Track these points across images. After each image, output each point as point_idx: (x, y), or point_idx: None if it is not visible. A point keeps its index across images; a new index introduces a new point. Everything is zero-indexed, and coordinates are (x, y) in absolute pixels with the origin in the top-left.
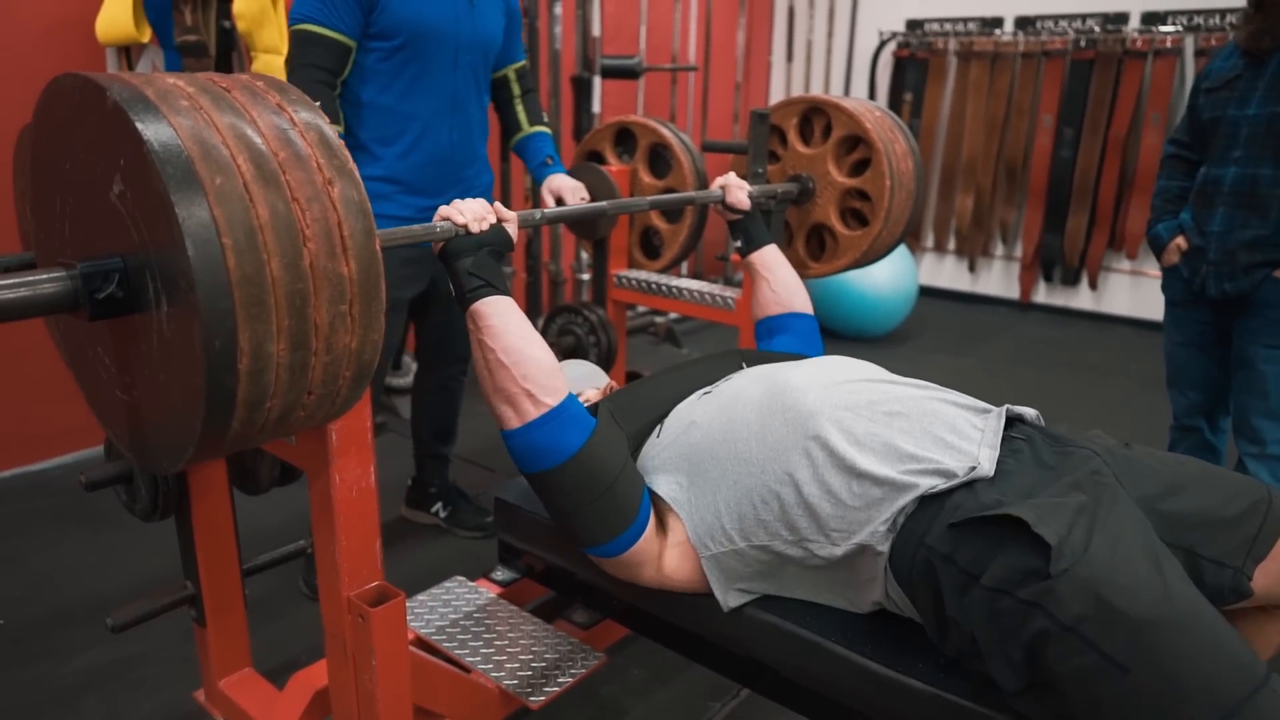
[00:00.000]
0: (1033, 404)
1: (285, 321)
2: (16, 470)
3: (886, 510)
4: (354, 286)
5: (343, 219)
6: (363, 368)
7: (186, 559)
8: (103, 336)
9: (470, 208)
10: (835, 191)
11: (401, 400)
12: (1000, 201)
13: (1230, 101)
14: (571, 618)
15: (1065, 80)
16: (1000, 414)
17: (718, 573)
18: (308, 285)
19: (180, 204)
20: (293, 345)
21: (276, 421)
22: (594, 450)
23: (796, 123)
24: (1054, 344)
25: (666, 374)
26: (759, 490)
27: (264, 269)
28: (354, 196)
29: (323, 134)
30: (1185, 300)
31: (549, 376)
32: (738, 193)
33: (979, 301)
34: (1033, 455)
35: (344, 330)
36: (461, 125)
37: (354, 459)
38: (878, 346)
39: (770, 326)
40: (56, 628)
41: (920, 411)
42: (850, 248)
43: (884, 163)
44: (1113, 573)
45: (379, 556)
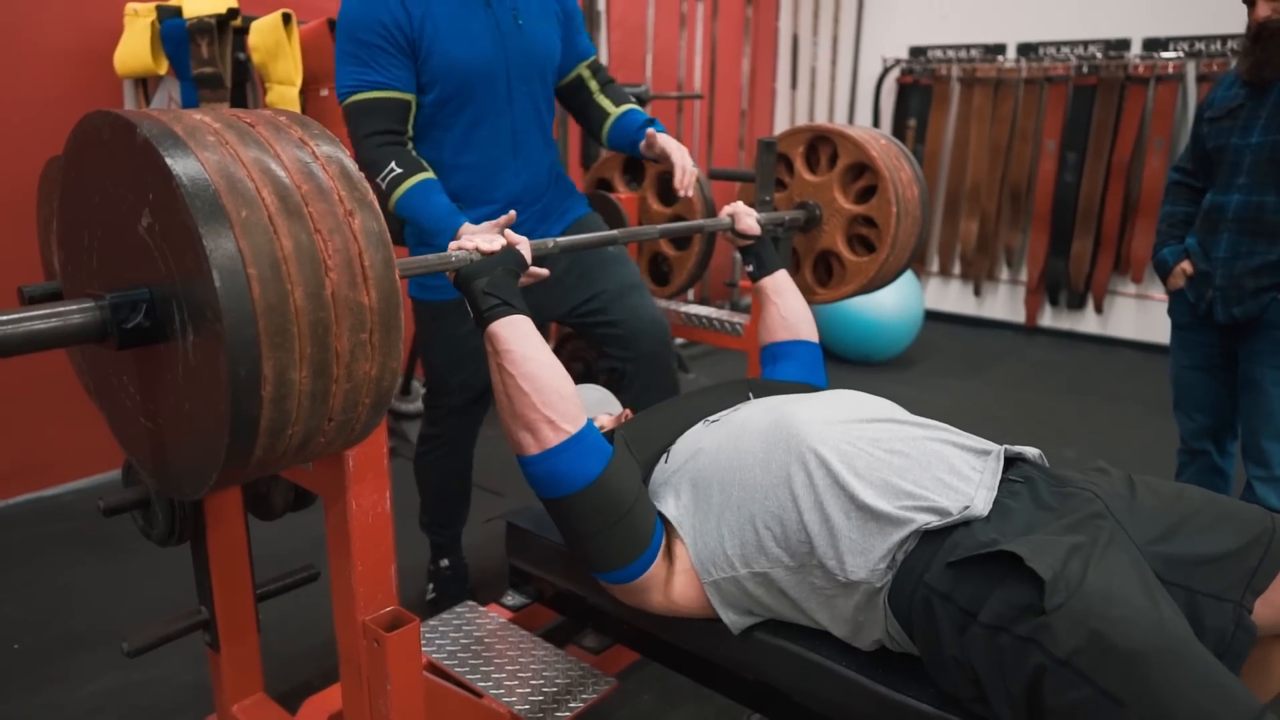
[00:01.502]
0: (1040, 428)
1: (308, 350)
2: (30, 495)
3: (882, 544)
4: (374, 315)
5: (363, 249)
6: (381, 395)
7: (201, 584)
8: (128, 365)
9: (480, 233)
10: (842, 218)
11: (410, 425)
12: (1005, 226)
13: (1233, 130)
14: (582, 643)
15: (1068, 106)
16: (999, 455)
17: (719, 598)
18: (329, 314)
19: (207, 236)
20: (314, 373)
21: (297, 448)
22: (611, 477)
23: (803, 151)
24: (1060, 368)
25: (676, 402)
26: (761, 515)
27: (288, 299)
28: (374, 227)
29: (344, 167)
30: (1191, 324)
31: (569, 404)
32: (747, 219)
33: (984, 325)
34: (1032, 496)
35: (364, 358)
36: (527, 166)
37: (370, 485)
38: (884, 371)
39: (775, 352)
40: (70, 652)
41: (920, 451)
42: (857, 274)
43: (890, 190)
44: (1107, 606)
45: (394, 582)
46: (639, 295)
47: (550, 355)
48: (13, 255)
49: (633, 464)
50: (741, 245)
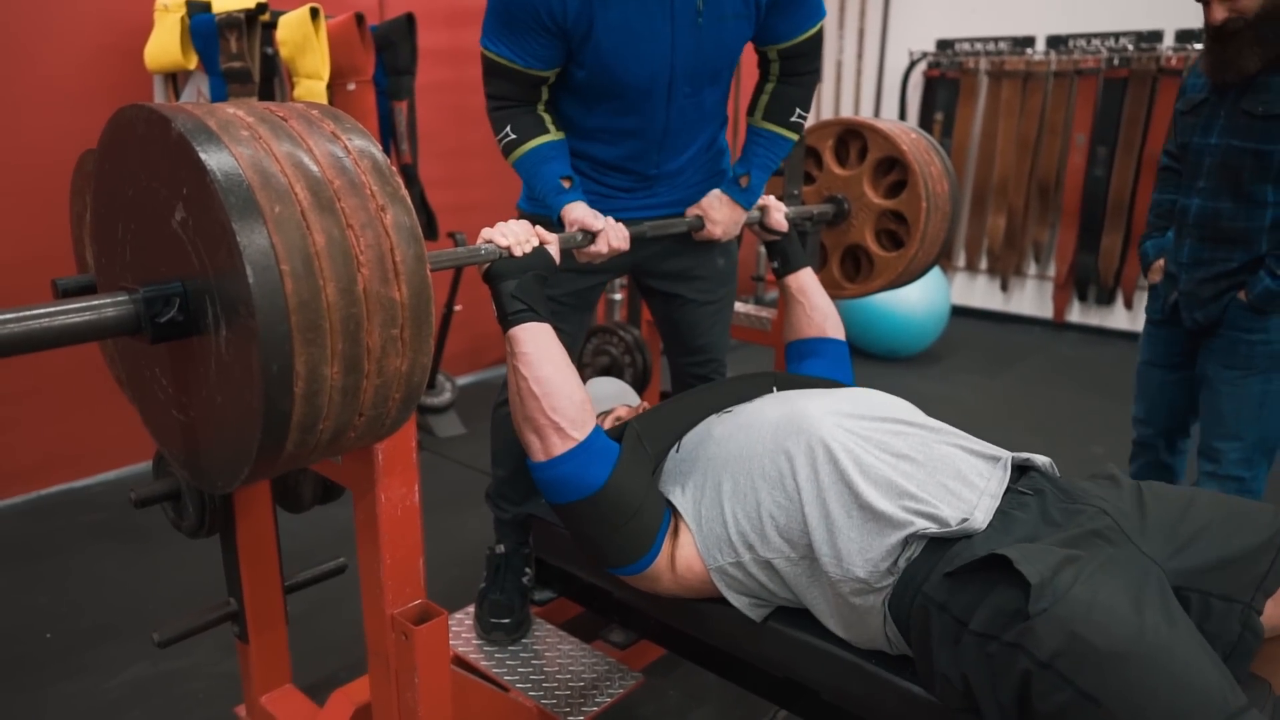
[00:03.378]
0: (1068, 425)
1: (339, 345)
2: (62, 486)
3: (881, 545)
4: (405, 311)
5: (395, 245)
6: (412, 390)
7: (230, 576)
8: (161, 358)
9: (513, 230)
10: (871, 213)
11: (435, 419)
12: (1033, 221)
13: (1196, 127)
14: (609, 637)
15: (1098, 99)
16: (1006, 463)
17: (725, 583)
18: (361, 310)
19: (241, 231)
20: (346, 368)
21: (328, 442)
22: (619, 482)
23: (832, 144)
24: (1088, 364)
25: (698, 393)
26: (766, 504)
27: (320, 294)
28: (405, 222)
29: (375, 161)
30: (1162, 320)
31: (578, 410)
32: (776, 214)
33: (1012, 321)
34: (1039, 509)
35: (395, 353)
36: (673, 156)
37: (399, 478)
38: (910, 367)
39: (801, 350)
40: (102, 642)
41: (928, 456)
42: (886, 269)
43: (920, 185)
44: (1089, 611)
45: (422, 575)
46: (716, 319)
47: (566, 361)
48: (46, 248)
49: (642, 463)
50: (768, 240)
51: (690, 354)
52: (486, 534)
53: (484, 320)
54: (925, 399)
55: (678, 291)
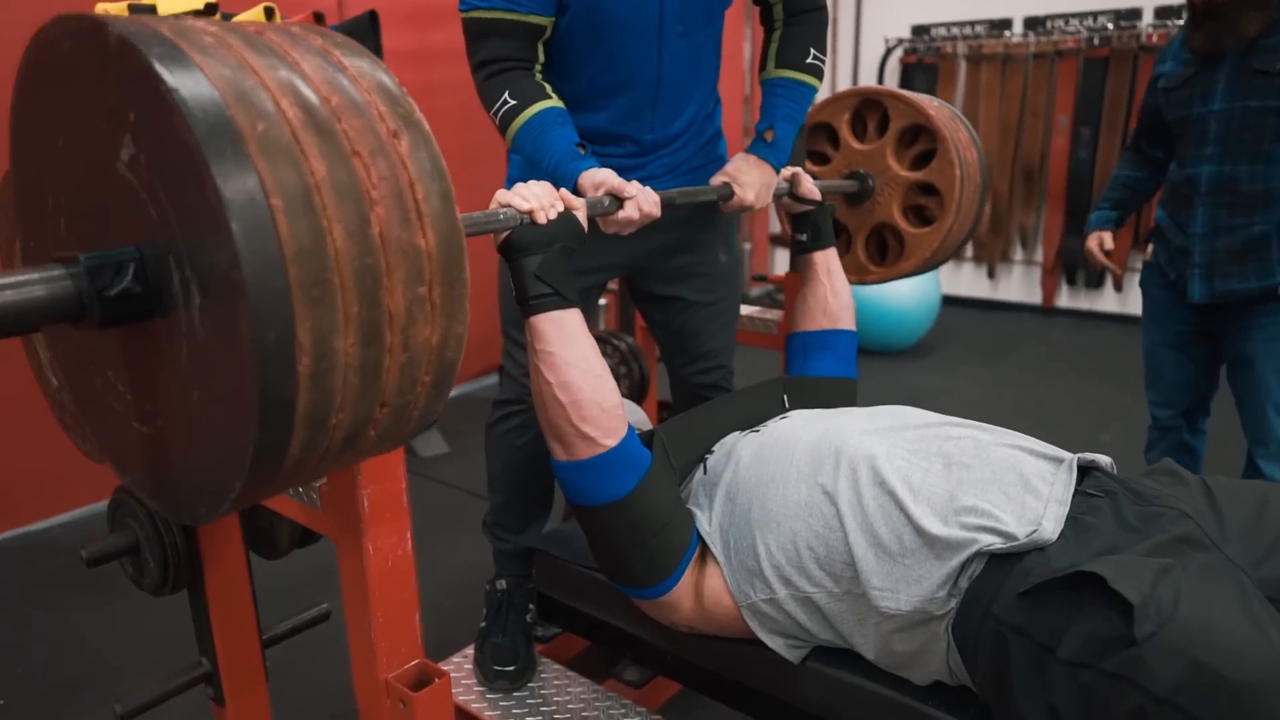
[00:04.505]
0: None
1: (354, 308)
2: (16, 531)
3: (939, 571)
4: (433, 264)
5: (415, 179)
6: (444, 370)
7: (201, 634)
8: (113, 354)
9: (535, 192)
10: (898, 188)
11: (418, 437)
12: (1018, 205)
13: (1193, 99)
14: (621, 675)
15: (1080, 80)
16: (1071, 464)
17: (758, 622)
18: (379, 260)
19: (214, 156)
20: (364, 338)
21: (341, 445)
22: (647, 493)
23: (848, 118)
24: (1083, 349)
25: (716, 406)
26: (804, 534)
27: (324, 238)
28: (427, 153)
29: (381, 81)
30: (1166, 299)
31: (609, 417)
32: (807, 181)
33: (1000, 309)
34: (1114, 513)
35: (423, 319)
36: (670, 119)
37: (389, 525)
38: (904, 360)
39: (810, 343)
40: (61, 706)
41: (986, 461)
42: (919, 247)
43: (951, 151)
44: (1209, 634)
45: (419, 631)
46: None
47: (595, 360)
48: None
49: (671, 478)
50: (800, 211)
51: (694, 361)
52: (477, 560)
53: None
54: (924, 393)
55: (677, 293)
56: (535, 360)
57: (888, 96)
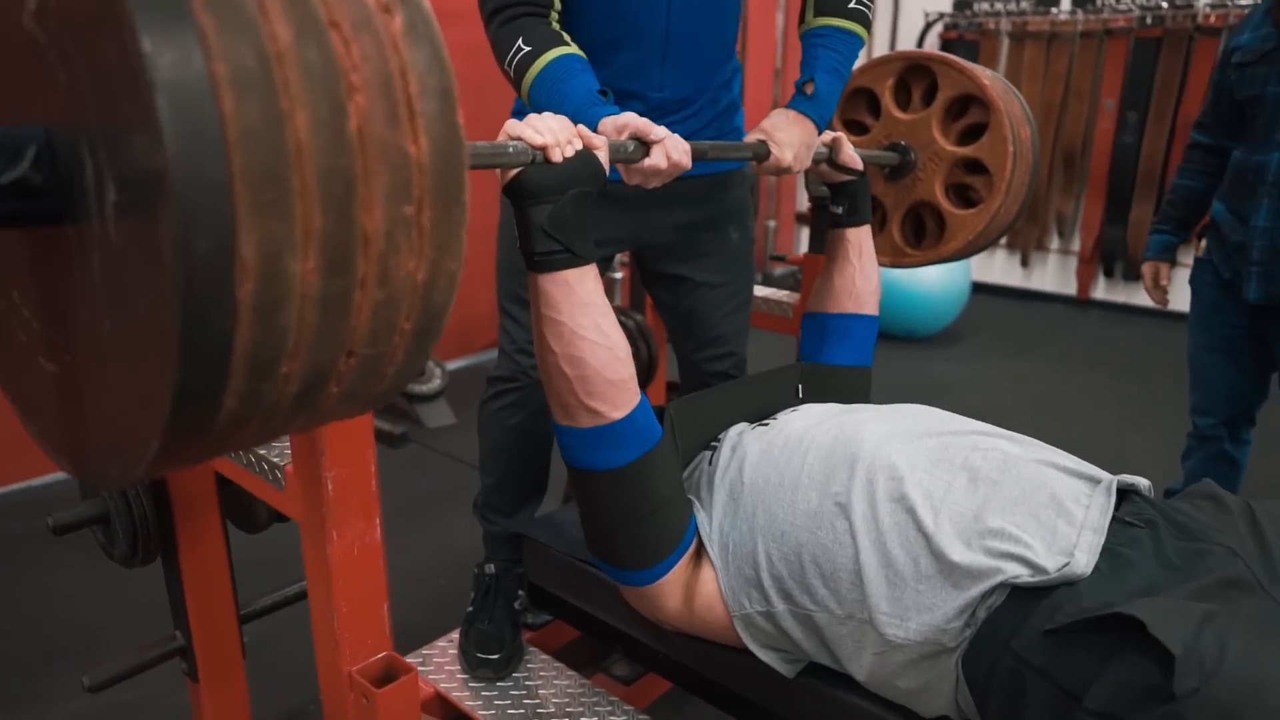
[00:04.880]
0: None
1: (317, 220)
2: (13, 487)
3: (955, 601)
4: (424, 177)
5: (408, 67)
6: (430, 316)
7: (176, 608)
8: (19, 269)
9: (550, 125)
10: (942, 164)
11: (424, 408)
12: (1057, 191)
13: (1270, 77)
14: (611, 670)
15: (1129, 61)
16: (1110, 486)
17: (749, 634)
18: (353, 163)
19: (140, 5)
20: (329, 263)
21: (295, 401)
22: (649, 467)
23: (892, 85)
24: (1117, 344)
25: (728, 389)
26: (810, 547)
27: (283, 124)
28: (426, 37)
29: None
30: (1216, 299)
31: (618, 391)
32: (848, 148)
33: (1033, 298)
34: (1154, 548)
35: (408, 248)
36: (679, 79)
37: (355, 511)
38: (928, 347)
39: (829, 326)
40: (44, 669)
41: (1017, 478)
42: (961, 229)
43: (1005, 126)
44: (1258, 695)
45: (387, 623)
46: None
47: (610, 328)
48: None
49: (677, 456)
50: (839, 181)
51: (702, 347)
52: (479, 540)
53: (475, 298)
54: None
55: (684, 273)
56: (539, 325)
57: (938, 62)
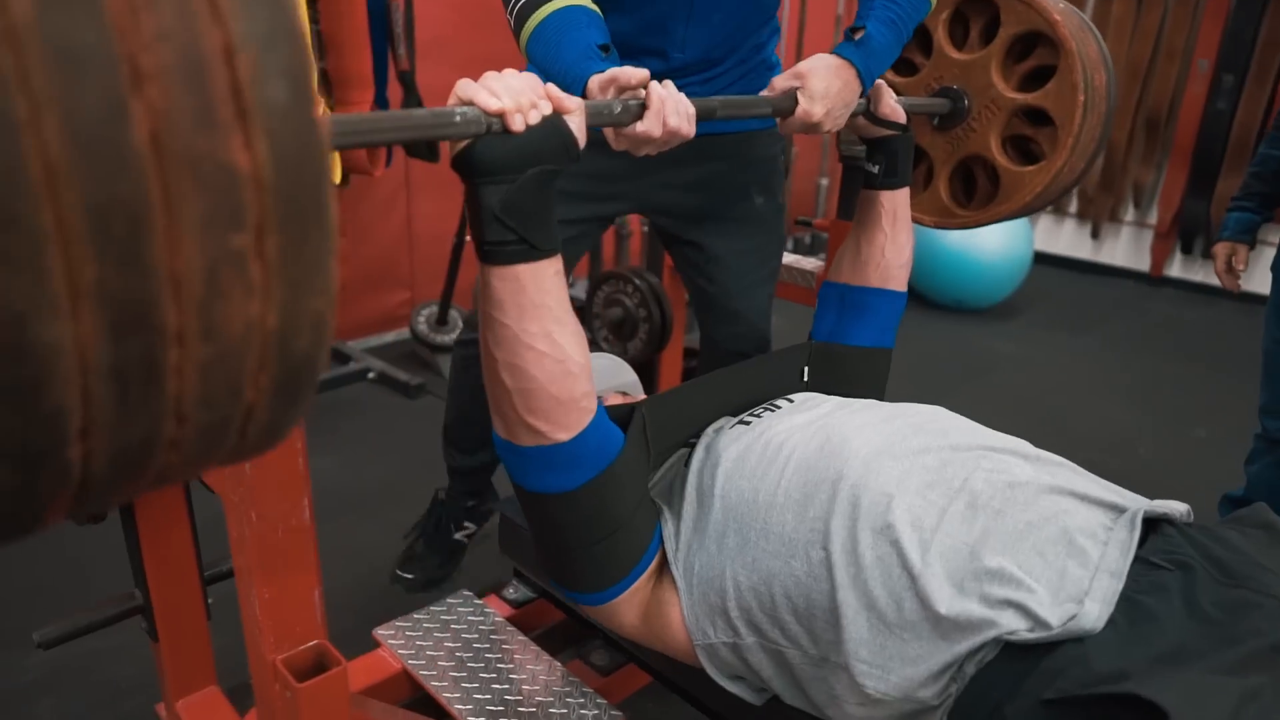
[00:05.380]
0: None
1: (88, 270)
2: None
3: (940, 654)
4: (265, 195)
5: (236, 40)
6: (295, 369)
7: (135, 564)
8: None
9: (511, 85)
10: (1000, 112)
11: (445, 358)
12: (1135, 160)
13: None
14: (589, 659)
15: (1229, 19)
16: (1135, 519)
17: (711, 662)
18: (141, 187)
19: None
20: (114, 325)
21: (106, 479)
22: (604, 489)
23: (946, 19)
24: (1190, 327)
25: (719, 378)
26: (783, 577)
27: (15, 136)
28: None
29: None
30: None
31: (566, 412)
32: (889, 99)
33: (1101, 272)
34: (1185, 596)
35: (243, 290)
36: (703, 37)
37: (278, 493)
38: (980, 321)
39: (850, 298)
40: (27, 607)
41: (1023, 505)
42: (1019, 188)
43: (1077, 70)
44: None
45: (318, 610)
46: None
47: (564, 334)
48: None
49: (643, 467)
50: (876, 137)
51: (721, 323)
52: None
53: None
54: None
55: (698, 239)
56: (482, 324)
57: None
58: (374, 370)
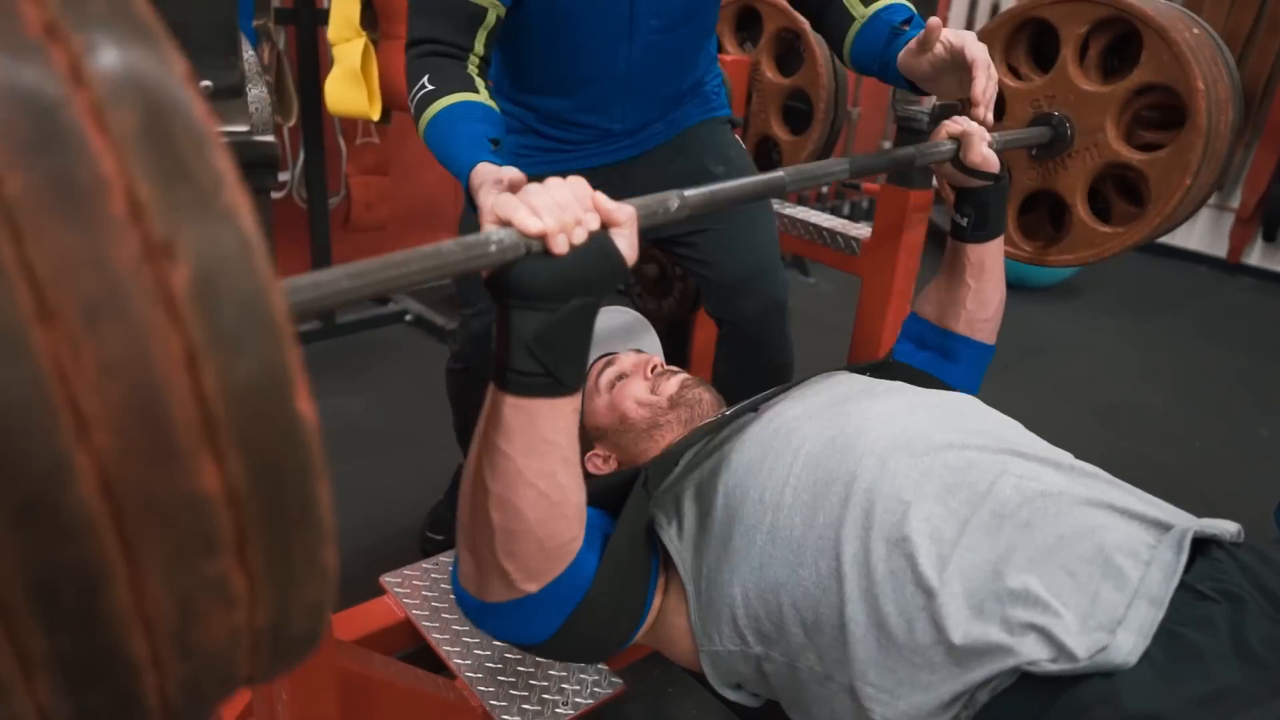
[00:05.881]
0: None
1: (36, 644)
2: None
3: (952, 683)
4: (242, 511)
5: (200, 347)
6: (292, 643)
7: None
8: None
9: (555, 200)
10: (1098, 159)
11: None
12: None
13: None
14: None
15: None
16: (1181, 541)
17: (713, 668)
18: (90, 549)
19: None
20: (70, 682)
21: None
22: (581, 623)
23: (1082, 35)
24: (1264, 319)
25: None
26: (791, 587)
27: None
28: (236, 287)
29: (153, 95)
30: None
31: (545, 560)
32: (980, 144)
33: (1172, 255)
34: (1233, 632)
35: (223, 607)
36: (639, 109)
37: None
38: (1039, 301)
39: (929, 338)
40: None
41: (1054, 517)
42: (1088, 245)
43: (1198, 149)
44: None
45: None
46: (751, 233)
47: (566, 475)
48: None
49: (632, 554)
50: (965, 186)
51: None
52: None
53: None
54: (1050, 343)
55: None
56: (480, 448)
57: (1152, 28)
58: (411, 313)
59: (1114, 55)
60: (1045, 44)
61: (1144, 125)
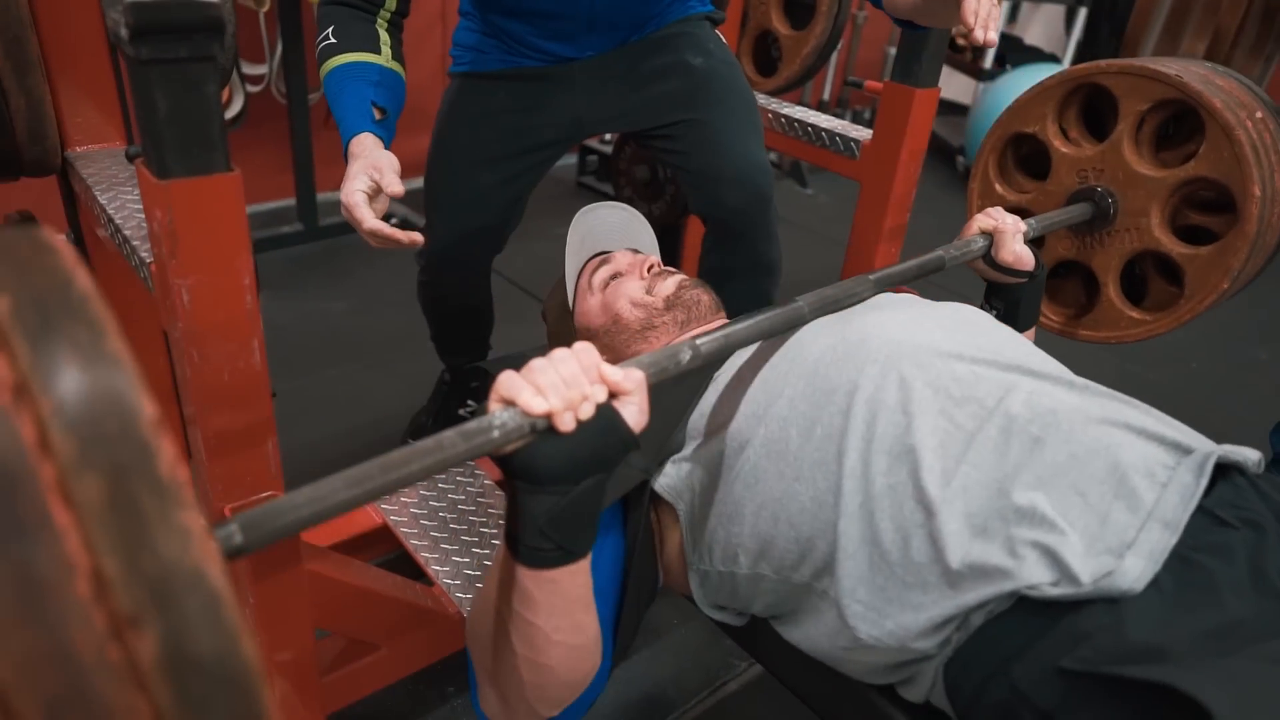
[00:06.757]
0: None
1: None
2: None
3: (945, 604)
4: None
5: (169, 713)
6: None
7: None
8: None
9: (559, 377)
10: (1136, 242)
11: None
12: (1243, 51)
13: None
14: None
15: None
16: (1203, 464)
17: (700, 589)
18: None
19: None
20: None
21: None
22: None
23: (1142, 112)
24: None
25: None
26: (786, 502)
27: None
28: (211, 663)
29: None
30: None
31: (571, 691)
32: (1013, 241)
33: None
34: (1251, 561)
35: None
36: (603, 39)
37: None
38: None
39: None
40: None
41: (1066, 435)
42: (1115, 326)
43: (1251, 232)
44: None
45: (273, 459)
46: (730, 121)
47: (589, 619)
48: None
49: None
50: (997, 282)
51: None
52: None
53: None
54: None
55: (654, 129)
56: (506, 617)
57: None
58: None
59: (1168, 126)
60: (1099, 107)
61: (1192, 205)
